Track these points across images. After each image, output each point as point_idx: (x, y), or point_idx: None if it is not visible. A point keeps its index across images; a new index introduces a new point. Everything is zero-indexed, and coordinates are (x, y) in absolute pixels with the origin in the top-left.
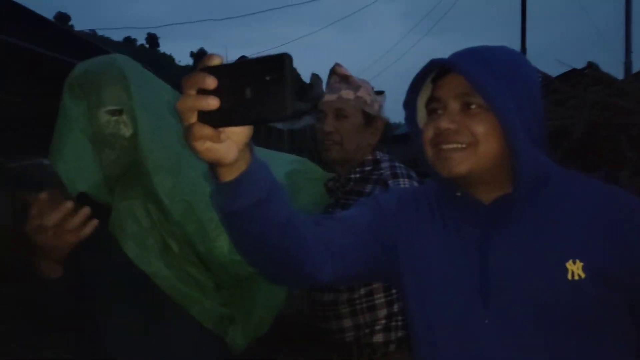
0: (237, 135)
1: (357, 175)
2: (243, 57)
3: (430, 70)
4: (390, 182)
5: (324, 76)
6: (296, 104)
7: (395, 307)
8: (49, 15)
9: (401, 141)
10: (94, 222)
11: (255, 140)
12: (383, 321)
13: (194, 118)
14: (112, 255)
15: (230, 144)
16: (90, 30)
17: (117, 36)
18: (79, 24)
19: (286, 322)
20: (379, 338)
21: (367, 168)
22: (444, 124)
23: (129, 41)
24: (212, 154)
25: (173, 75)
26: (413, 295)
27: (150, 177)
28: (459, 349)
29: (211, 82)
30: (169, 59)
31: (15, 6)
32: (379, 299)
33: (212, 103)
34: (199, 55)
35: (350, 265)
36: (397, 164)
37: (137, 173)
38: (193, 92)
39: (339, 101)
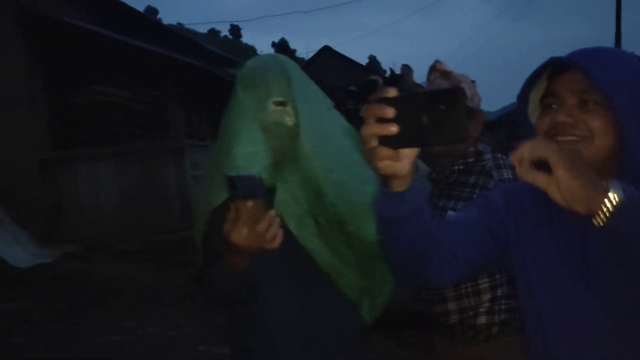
0: (410, 153)
1: (461, 167)
2: (324, 48)
3: (546, 67)
4: (494, 172)
5: (411, 64)
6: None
7: (499, 292)
8: (139, 8)
9: (488, 128)
10: (281, 234)
11: None
12: (487, 304)
13: (375, 142)
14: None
15: (405, 161)
16: (177, 23)
17: (202, 29)
18: (167, 17)
19: (390, 305)
20: (482, 320)
21: (470, 160)
22: (561, 117)
23: (213, 33)
24: (390, 170)
25: None
26: (522, 285)
27: (310, 162)
28: (565, 328)
29: (390, 113)
30: (251, 49)
31: (114, 2)
32: (484, 283)
33: (392, 129)
34: (281, 46)
35: (471, 263)
36: (499, 155)
37: (295, 159)
38: (373, 120)
39: None
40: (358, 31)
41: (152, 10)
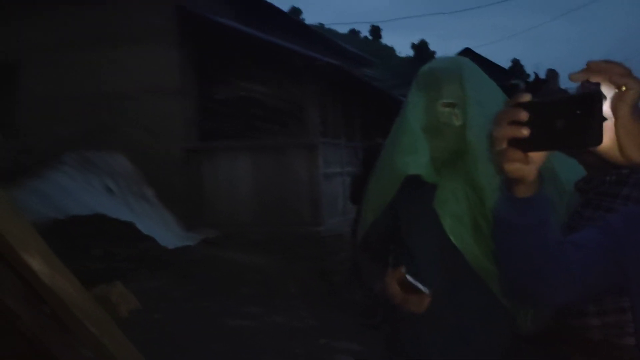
0: (539, 158)
1: (613, 178)
2: (465, 50)
3: None
4: None
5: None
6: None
7: None
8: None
9: None
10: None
11: None
12: (632, 324)
13: (505, 144)
14: (430, 227)
15: (533, 166)
16: (319, 23)
17: (343, 29)
18: (309, 17)
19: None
20: (629, 341)
21: (625, 171)
22: None
23: (353, 33)
24: (518, 173)
25: (393, 66)
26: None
27: (476, 164)
28: None
29: (524, 116)
30: (390, 50)
31: (262, 2)
32: (627, 302)
33: (524, 132)
34: (420, 47)
35: (589, 285)
36: None
37: (461, 160)
38: (506, 123)
39: None
40: (500, 33)
41: (296, 11)
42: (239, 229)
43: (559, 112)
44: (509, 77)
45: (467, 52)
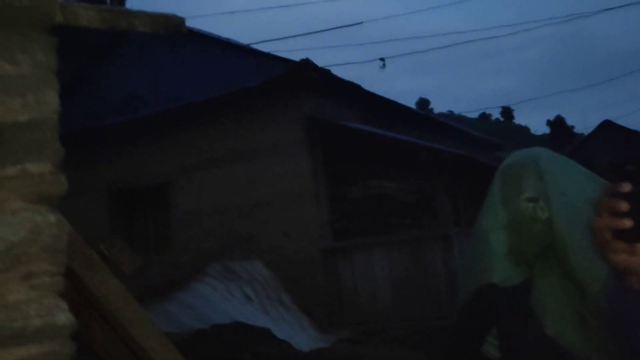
0: None
1: None
2: (604, 122)
3: None
4: None
5: None
6: None
7: None
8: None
9: None
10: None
11: None
12: None
13: (609, 235)
14: (533, 329)
15: None
16: (448, 111)
17: (474, 114)
18: (438, 106)
19: None
20: None
21: None
22: None
23: (484, 117)
24: (627, 264)
25: (529, 145)
26: None
27: (568, 256)
28: None
29: (624, 206)
30: (524, 130)
31: (385, 101)
32: None
33: (627, 223)
34: (556, 124)
35: None
36: None
37: (554, 252)
38: (607, 214)
39: None
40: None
41: (424, 101)
42: (379, 325)
43: None
44: None
45: (606, 124)
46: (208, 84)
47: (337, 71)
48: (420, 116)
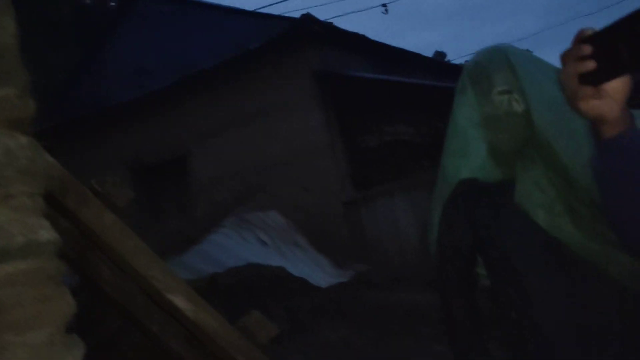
0: (616, 92)
1: None
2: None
3: None
4: None
5: None
6: None
7: None
8: (428, 54)
9: None
10: None
11: None
12: None
13: (575, 83)
14: (521, 225)
15: (611, 101)
16: (466, 61)
17: None
18: (455, 57)
19: None
20: None
21: None
22: None
23: None
24: (596, 110)
25: None
26: None
27: (551, 146)
28: None
29: (586, 49)
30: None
31: (391, 49)
32: None
33: (589, 65)
34: None
35: None
36: None
37: (535, 146)
38: (572, 61)
39: None
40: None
41: (440, 54)
42: (408, 270)
43: (620, 35)
44: None
45: None
46: (214, 50)
47: (342, 24)
48: (432, 62)
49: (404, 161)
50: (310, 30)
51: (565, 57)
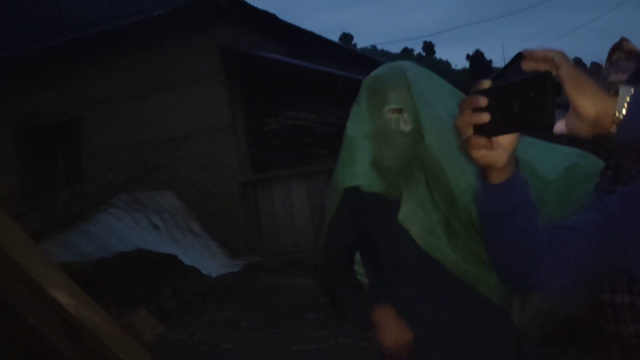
0: (507, 143)
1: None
2: (518, 55)
3: None
4: None
5: None
6: (557, 112)
7: None
8: (335, 36)
9: None
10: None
11: (537, 134)
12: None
13: (470, 131)
14: (400, 237)
15: (501, 151)
16: (371, 46)
17: (396, 48)
18: (361, 41)
19: (574, 322)
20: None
21: None
22: None
23: (406, 52)
24: (486, 159)
25: (449, 80)
26: None
27: (441, 166)
28: None
29: (483, 102)
30: (445, 64)
31: (304, 33)
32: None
33: (485, 117)
34: (475, 58)
35: (585, 268)
36: None
37: (420, 165)
38: (468, 111)
39: None
40: (555, 32)
41: (347, 36)
42: (299, 255)
43: (514, 95)
44: None
45: (520, 57)
46: (116, 13)
47: (257, 3)
48: (342, 49)
49: (304, 148)
50: (219, 2)
51: (462, 105)
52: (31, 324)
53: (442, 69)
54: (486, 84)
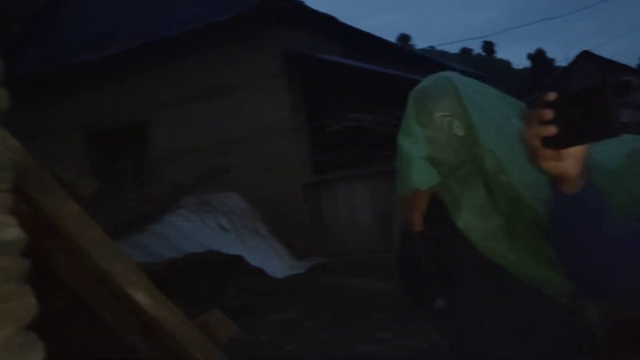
0: (578, 153)
1: None
2: (582, 53)
3: None
4: None
5: None
6: (622, 121)
7: None
8: (392, 37)
9: None
10: None
11: None
12: None
13: (538, 143)
14: (464, 246)
15: (572, 161)
16: (429, 47)
17: (455, 49)
18: (419, 42)
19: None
20: None
21: None
22: None
23: (465, 52)
24: (557, 170)
25: (510, 79)
26: None
27: (501, 166)
28: None
29: (548, 114)
30: (505, 64)
31: (363, 34)
32: None
33: (551, 130)
34: (536, 57)
35: None
36: None
37: (476, 169)
38: (535, 123)
39: None
40: (621, 29)
41: (404, 37)
42: (363, 255)
43: (577, 106)
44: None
45: (584, 55)
46: (181, 19)
47: (316, 5)
48: (401, 51)
49: (365, 149)
50: (280, 7)
51: (527, 118)
52: (109, 323)
53: (503, 68)
54: (552, 96)
